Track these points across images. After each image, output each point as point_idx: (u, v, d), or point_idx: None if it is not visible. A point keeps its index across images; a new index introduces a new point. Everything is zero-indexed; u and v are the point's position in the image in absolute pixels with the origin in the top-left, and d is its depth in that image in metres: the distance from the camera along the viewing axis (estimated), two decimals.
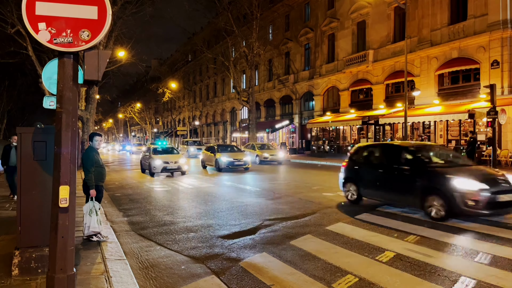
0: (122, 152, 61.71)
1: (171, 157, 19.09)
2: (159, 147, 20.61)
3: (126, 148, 63.52)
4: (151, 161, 18.44)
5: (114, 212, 9.71)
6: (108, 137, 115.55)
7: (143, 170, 20.63)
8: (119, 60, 27.30)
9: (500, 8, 20.27)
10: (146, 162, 19.65)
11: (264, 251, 6.06)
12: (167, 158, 18.78)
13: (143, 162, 20.51)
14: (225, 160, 20.47)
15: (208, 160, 22.57)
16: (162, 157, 18.81)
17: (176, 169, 18.53)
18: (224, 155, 21.03)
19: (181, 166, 18.53)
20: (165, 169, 18.19)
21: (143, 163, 20.65)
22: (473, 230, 7.10)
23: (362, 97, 31.02)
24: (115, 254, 5.82)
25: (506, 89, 20.17)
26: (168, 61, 77.94)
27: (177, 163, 18.55)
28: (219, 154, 21.09)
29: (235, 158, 20.79)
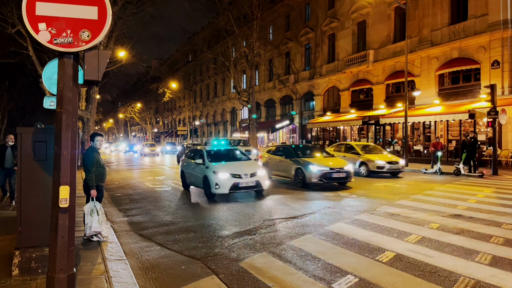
0: (128, 153, 53.85)
1: (241, 166, 11.85)
2: (214, 148, 13.74)
3: (133, 149, 55.29)
4: (210, 174, 11.24)
5: (115, 212, 9.71)
6: (109, 137, 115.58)
7: (187, 184, 13.42)
8: (119, 60, 27.31)
9: (500, 8, 20.26)
10: (195, 174, 12.43)
11: (264, 251, 6.06)
12: (237, 168, 11.52)
13: (188, 172, 13.26)
14: (315, 170, 13.20)
15: (277, 168, 15.30)
16: (228, 167, 11.57)
17: (254, 187, 11.30)
18: (310, 161, 13.73)
19: (260, 182, 11.32)
20: (236, 187, 10.94)
21: (187, 174, 13.31)
22: None
23: (363, 97, 31.01)
24: (115, 254, 5.82)
25: (506, 89, 20.17)
26: (168, 61, 77.96)
27: (254, 176, 11.28)
28: (304, 160, 13.93)
29: (333, 167, 13.47)
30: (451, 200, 10.37)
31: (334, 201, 10.66)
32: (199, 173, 11.96)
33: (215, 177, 11.01)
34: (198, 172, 12.02)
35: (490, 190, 12.31)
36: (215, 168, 11.28)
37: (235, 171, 11.28)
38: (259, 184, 11.36)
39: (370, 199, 10.88)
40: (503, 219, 8.02)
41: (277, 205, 10.35)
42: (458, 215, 8.44)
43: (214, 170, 11.21)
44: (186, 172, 13.28)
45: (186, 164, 13.54)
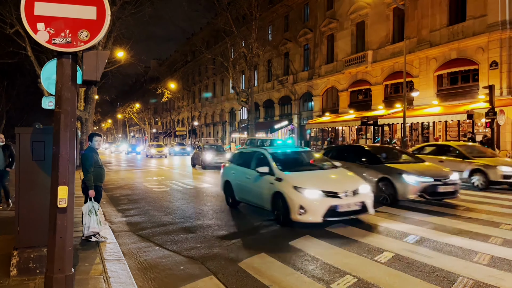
0: (131, 154, 49.87)
1: (334, 179, 8.40)
2: (280, 150, 9.61)
3: (136, 150, 51.53)
4: (287, 190, 7.67)
5: (113, 212, 9.70)
6: (107, 137, 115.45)
7: (236, 200, 9.85)
8: (118, 61, 27.29)
9: (499, 9, 20.30)
10: (254, 188, 8.86)
11: (263, 251, 6.05)
12: (329, 182, 8.10)
13: (239, 184, 9.64)
14: (413, 181, 9.47)
15: None
16: (313, 179, 8.06)
17: (358, 212, 7.69)
18: (401, 168, 9.97)
19: (366, 204, 7.79)
20: (333, 212, 7.36)
21: (237, 186, 9.70)
22: None
23: (361, 97, 31.04)
24: (114, 254, 5.82)
25: (504, 89, 20.21)
26: (167, 61, 77.90)
27: (357, 194, 7.72)
28: (392, 167, 10.12)
29: (437, 177, 9.70)
30: (450, 200, 10.37)
31: None
32: (262, 188, 8.30)
33: (298, 196, 7.28)
34: (262, 185, 8.35)
35: (487, 190, 12.31)
36: (296, 181, 7.56)
37: (327, 186, 7.56)
38: (364, 208, 7.59)
39: None
40: (501, 219, 8.04)
41: None
42: (456, 216, 8.45)
43: (294, 184, 7.48)
44: (236, 183, 9.61)
45: (234, 173, 9.86)
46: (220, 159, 22.60)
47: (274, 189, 7.89)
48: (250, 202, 9.21)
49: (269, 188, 8.08)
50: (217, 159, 22.84)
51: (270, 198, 8.03)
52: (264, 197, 8.29)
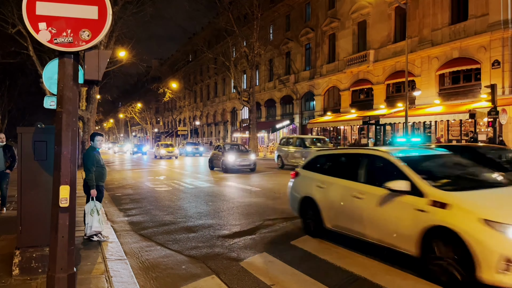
0: (136, 155, 46.44)
1: None
2: (415, 154, 6.16)
3: (142, 150, 47.97)
4: (474, 229, 4.22)
5: (115, 212, 9.72)
6: (109, 137, 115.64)
7: (319, 228, 6.73)
8: (119, 60, 27.32)
9: (501, 8, 20.24)
10: (380, 218, 5.45)
11: (265, 251, 6.05)
12: None
13: (341, 205, 6.21)
14: None
15: None
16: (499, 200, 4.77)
17: None
18: None
19: None
20: None
21: (330, 209, 6.48)
22: None
23: (363, 97, 31.00)
24: (116, 254, 5.83)
25: (507, 89, 20.15)
26: (168, 61, 77.97)
27: None
28: None
29: None
30: None
31: None
32: (397, 217, 5.17)
33: (498, 238, 4.13)
34: (394, 213, 5.22)
35: None
36: (486, 210, 4.40)
37: None
38: None
39: None
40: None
41: None
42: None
43: (484, 215, 4.28)
44: (328, 203, 6.50)
45: (322, 187, 6.67)
46: (244, 161, 20.52)
47: (430, 221, 4.70)
48: (360, 236, 5.85)
49: (415, 219, 4.87)
50: (241, 161, 20.42)
51: (417, 235, 4.80)
52: (403, 233, 5.06)
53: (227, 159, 20.51)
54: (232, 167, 20.26)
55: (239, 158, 20.53)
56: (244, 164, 20.45)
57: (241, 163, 20.38)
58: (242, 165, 20.43)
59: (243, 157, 20.77)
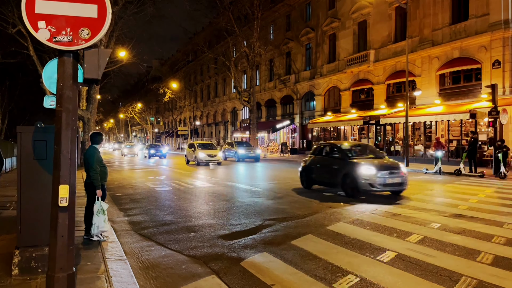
0: (154, 158, 36.41)
1: None
2: None
3: (162, 152, 37.72)
4: None
5: (115, 211, 9.71)
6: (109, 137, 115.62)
7: None
8: (120, 60, 27.33)
9: (501, 8, 20.23)
10: None
11: (265, 251, 6.03)
12: None
13: None
14: None
15: None
16: None
17: None
18: None
19: None
20: None
21: None
22: None
23: (363, 97, 30.98)
24: (116, 254, 5.81)
25: (507, 89, 20.13)
26: (169, 61, 77.99)
27: None
28: None
29: None
30: (452, 200, 10.35)
31: None
32: None
33: None
34: None
35: (491, 190, 12.28)
36: None
37: None
38: None
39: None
40: (504, 219, 8.00)
41: None
42: (459, 215, 8.42)
43: None
44: None
45: None
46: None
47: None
48: None
49: None
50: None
51: None
52: None
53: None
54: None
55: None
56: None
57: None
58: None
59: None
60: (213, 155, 26.73)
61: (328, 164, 12.34)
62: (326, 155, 12.95)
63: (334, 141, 18.66)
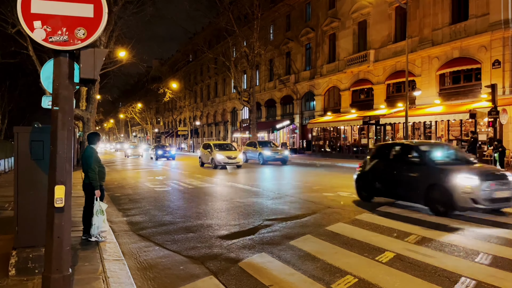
0: (161, 159, 34.16)
1: None
2: None
3: (171, 153, 34.62)
4: None
5: (114, 212, 9.69)
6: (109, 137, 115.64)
7: None
8: (120, 60, 27.33)
9: (501, 8, 20.20)
10: None
11: (263, 251, 6.02)
12: None
13: None
14: None
15: None
16: None
17: None
18: None
19: None
20: None
21: None
22: None
23: (363, 97, 30.96)
24: (113, 254, 5.79)
25: (507, 88, 20.10)
26: (169, 61, 77.99)
27: None
28: None
29: None
30: None
31: None
32: None
33: None
34: None
35: None
36: None
37: None
38: None
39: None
40: (503, 219, 7.97)
41: None
42: (458, 215, 8.39)
43: None
44: None
45: None
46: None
47: None
48: None
49: None
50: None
51: None
52: None
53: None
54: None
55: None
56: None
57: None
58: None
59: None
60: (233, 157, 23.51)
61: (401, 171, 9.57)
62: (396, 159, 10.13)
63: (406, 141, 14.80)
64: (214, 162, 23.76)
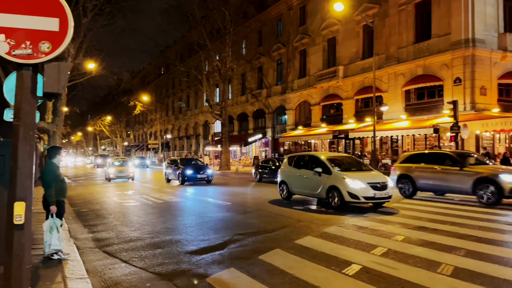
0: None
1: None
2: None
3: (207, 172, 22.00)
4: None
5: (79, 228, 9.40)
6: (77, 150, 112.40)
7: None
8: (89, 72, 26.81)
9: (462, 28, 21.29)
10: None
11: (232, 266, 5.99)
12: None
13: None
14: None
15: None
16: None
17: None
18: None
19: None
20: None
21: None
22: None
23: (333, 111, 31.62)
24: (77, 272, 5.62)
25: (468, 105, 21.06)
26: (140, 74, 77.19)
27: None
28: None
29: None
30: (416, 213, 10.63)
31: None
32: None
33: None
34: None
35: (454, 202, 12.69)
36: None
37: None
38: None
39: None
40: (465, 230, 8.28)
41: None
42: (422, 227, 8.66)
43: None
44: None
45: None
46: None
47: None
48: None
49: None
50: None
51: None
52: None
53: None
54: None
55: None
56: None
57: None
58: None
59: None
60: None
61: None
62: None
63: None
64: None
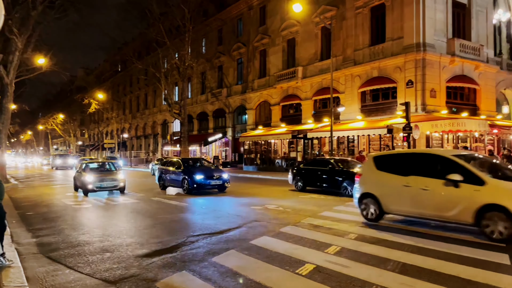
0: None
1: None
2: None
3: (224, 177, 16.06)
4: None
5: (22, 233, 8.83)
6: (26, 149, 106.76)
7: None
8: (38, 68, 25.44)
9: (414, 33, 22.15)
10: None
11: (184, 269, 5.82)
12: None
13: None
14: None
15: None
16: None
17: None
18: None
19: None
20: None
21: None
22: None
23: (292, 111, 31.95)
24: (16, 280, 5.24)
25: (419, 106, 21.95)
26: (95, 70, 74.49)
27: None
28: None
29: None
30: None
31: None
32: None
33: None
34: None
35: None
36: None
37: None
38: None
39: None
40: (416, 228, 8.55)
41: None
42: (376, 225, 8.86)
43: None
44: None
45: None
46: None
47: None
48: None
49: None
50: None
51: None
52: None
53: None
54: None
55: None
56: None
57: None
58: None
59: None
60: None
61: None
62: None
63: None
64: None
